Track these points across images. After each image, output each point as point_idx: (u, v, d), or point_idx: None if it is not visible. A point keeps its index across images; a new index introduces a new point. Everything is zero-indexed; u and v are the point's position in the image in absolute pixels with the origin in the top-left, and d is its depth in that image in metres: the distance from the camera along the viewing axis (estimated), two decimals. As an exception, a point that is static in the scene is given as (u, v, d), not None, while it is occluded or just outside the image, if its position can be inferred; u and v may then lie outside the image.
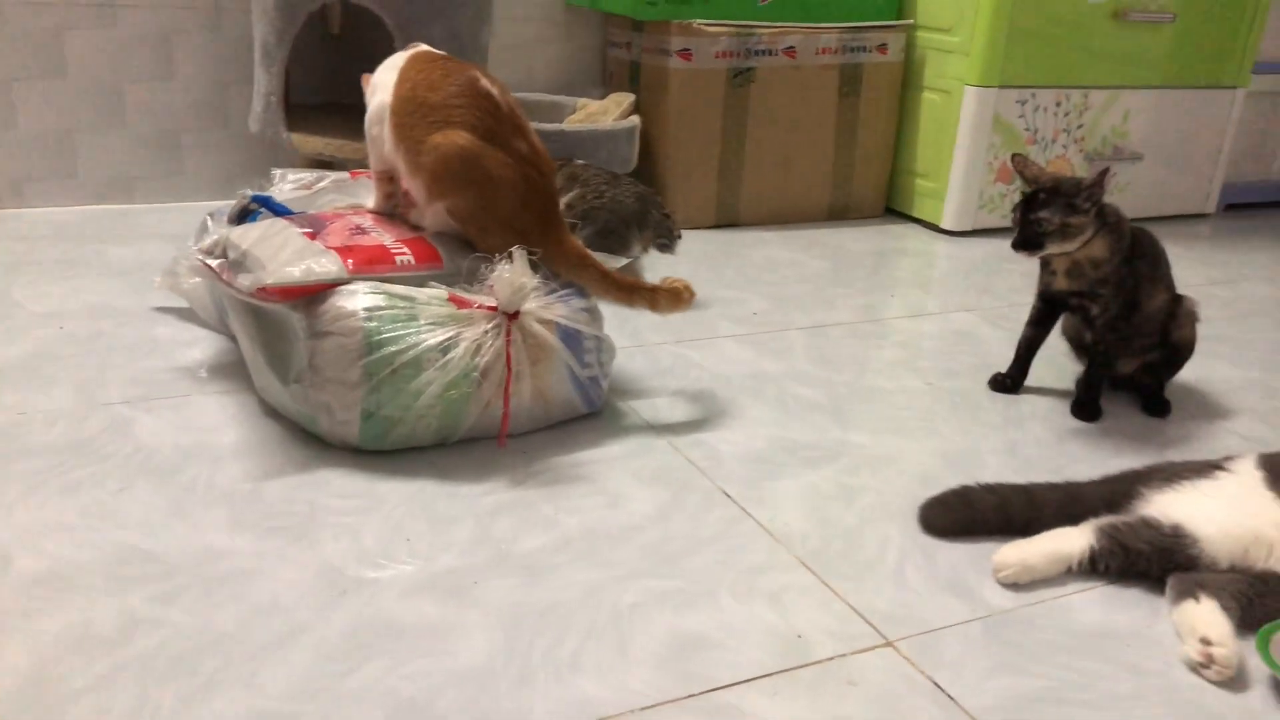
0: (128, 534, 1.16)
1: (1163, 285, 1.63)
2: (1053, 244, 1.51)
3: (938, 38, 2.66)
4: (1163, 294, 1.63)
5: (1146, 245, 1.61)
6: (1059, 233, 1.50)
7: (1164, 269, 1.63)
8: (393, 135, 1.48)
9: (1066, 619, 1.12)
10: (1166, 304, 1.64)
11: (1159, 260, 1.63)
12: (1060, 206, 1.49)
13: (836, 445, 1.49)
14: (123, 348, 1.64)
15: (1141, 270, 1.59)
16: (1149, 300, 1.61)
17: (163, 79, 2.40)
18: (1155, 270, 1.61)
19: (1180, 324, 1.66)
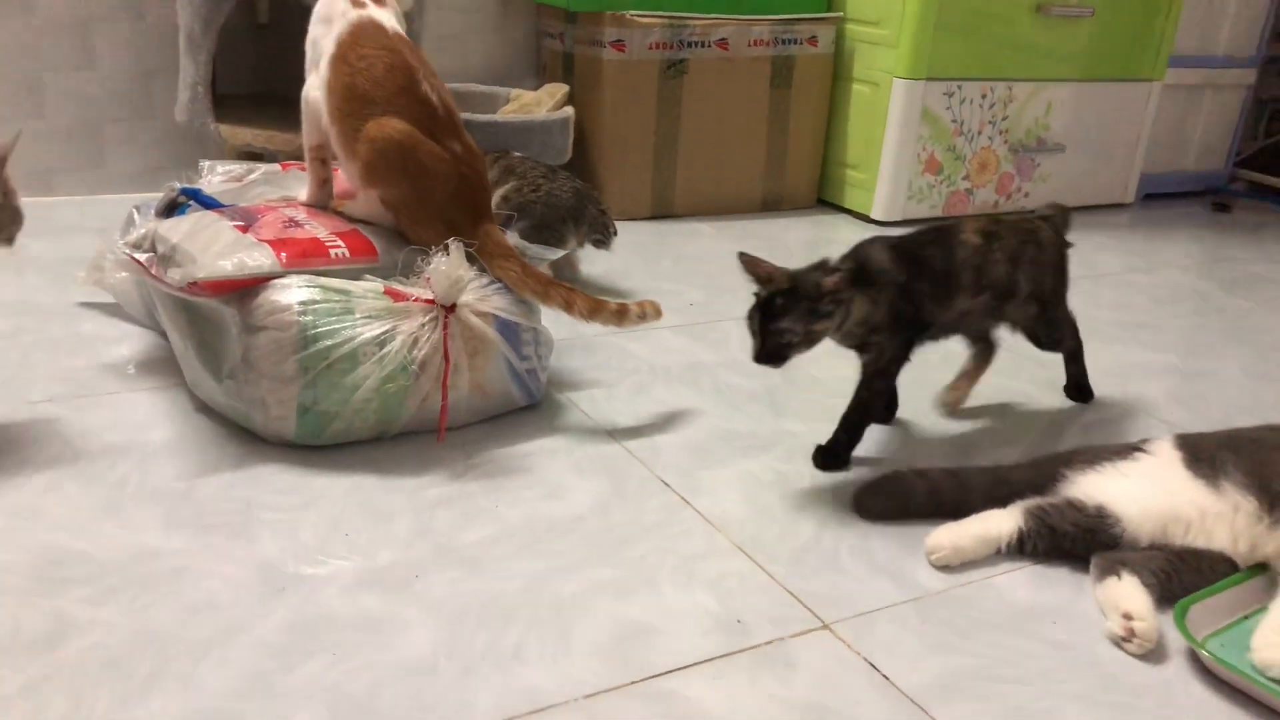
0: (57, 535, 1.13)
1: (966, 290, 1.42)
2: (799, 353, 1.30)
3: (866, 30, 2.70)
4: (968, 298, 1.42)
5: (934, 261, 1.40)
6: (805, 342, 1.30)
7: (964, 275, 1.41)
8: (328, 114, 1.47)
9: (996, 599, 1.16)
10: (989, 300, 1.45)
11: (952, 272, 1.40)
12: (801, 313, 1.28)
13: (772, 434, 1.51)
14: (46, 345, 1.60)
15: (922, 291, 1.38)
16: (946, 311, 1.42)
17: (83, 68, 2.33)
18: (945, 284, 1.40)
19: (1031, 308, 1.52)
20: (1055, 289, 1.57)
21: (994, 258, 1.44)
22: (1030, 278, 1.49)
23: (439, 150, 1.43)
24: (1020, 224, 1.52)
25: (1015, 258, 1.46)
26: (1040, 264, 1.51)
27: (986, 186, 2.87)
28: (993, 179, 2.87)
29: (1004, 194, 2.92)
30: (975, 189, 2.85)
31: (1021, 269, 1.47)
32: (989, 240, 1.44)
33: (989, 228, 1.46)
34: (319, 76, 1.49)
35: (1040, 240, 1.52)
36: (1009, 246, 1.46)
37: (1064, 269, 1.58)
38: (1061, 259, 1.57)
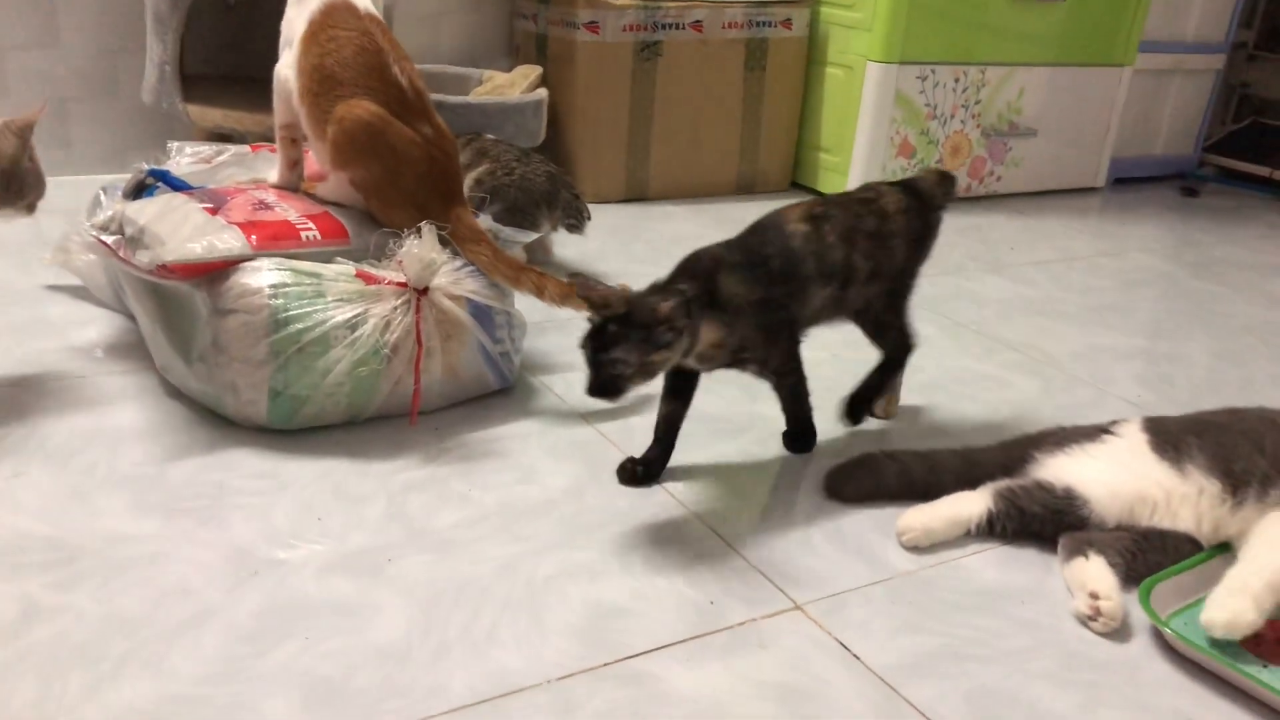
0: (24, 520, 1.12)
1: (816, 281, 1.31)
2: (637, 385, 1.18)
3: (841, 13, 2.70)
4: (821, 288, 1.31)
5: (775, 263, 1.27)
6: (641, 373, 1.16)
7: (808, 265, 1.29)
8: (298, 94, 1.45)
9: (965, 579, 1.17)
10: (837, 288, 1.33)
11: (796, 267, 1.29)
12: (636, 342, 1.14)
13: (745, 417, 1.52)
14: (12, 328, 1.58)
15: (777, 297, 1.27)
16: (808, 306, 1.32)
17: (46, 45, 2.30)
18: (795, 282, 1.29)
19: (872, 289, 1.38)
20: (907, 263, 1.41)
21: (827, 241, 1.30)
22: (869, 253, 1.33)
23: (409, 133, 1.42)
24: (854, 197, 1.38)
25: (849, 235, 1.32)
26: (883, 235, 1.35)
27: (959, 170, 2.88)
28: (965, 162, 2.89)
29: (976, 178, 2.93)
30: (948, 173, 2.86)
31: (857, 247, 1.32)
32: (816, 224, 1.30)
33: (814, 210, 1.32)
34: (291, 55, 1.47)
35: (883, 209, 1.36)
36: (838, 224, 1.31)
37: (921, 240, 1.42)
38: (918, 227, 1.40)
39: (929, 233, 1.43)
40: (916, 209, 1.39)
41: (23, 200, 1.38)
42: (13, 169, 1.34)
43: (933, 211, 1.43)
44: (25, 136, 1.35)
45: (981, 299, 2.13)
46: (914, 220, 1.39)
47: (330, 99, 1.42)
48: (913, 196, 1.40)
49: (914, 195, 1.40)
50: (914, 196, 1.40)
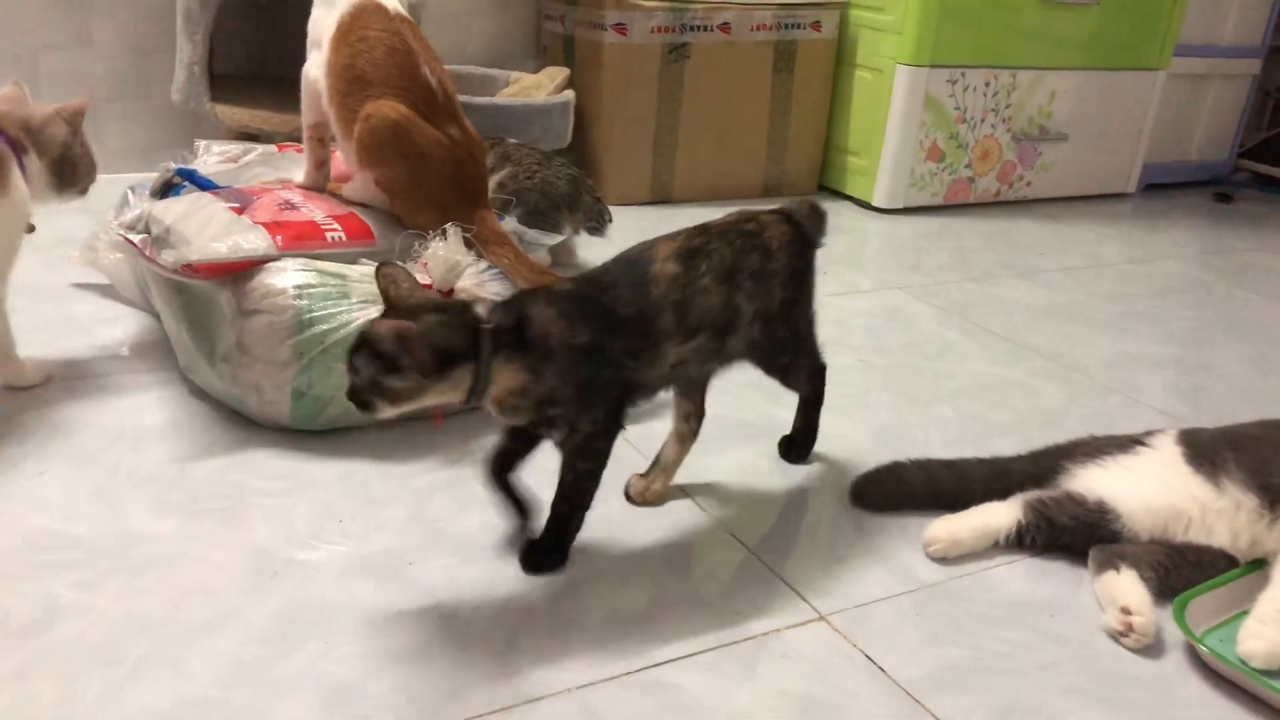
0: (47, 519, 1.12)
1: (672, 337, 1.11)
2: (382, 406, 1.01)
3: (871, 16, 2.68)
4: (677, 345, 1.12)
5: (622, 307, 1.09)
6: (376, 393, 1.00)
7: (664, 319, 1.10)
8: (327, 95, 1.45)
9: (993, 591, 1.15)
10: (707, 341, 1.14)
11: (648, 317, 1.09)
12: (370, 355, 0.99)
13: (770, 422, 1.50)
14: (40, 326, 1.59)
15: (612, 350, 1.08)
16: (654, 368, 1.12)
17: (79, 45, 2.31)
18: (643, 335, 1.10)
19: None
20: (789, 303, 1.22)
21: (700, 285, 1.12)
22: (753, 294, 1.17)
23: (436, 134, 1.42)
24: (737, 227, 1.19)
25: (730, 275, 1.14)
26: (766, 275, 1.18)
27: (988, 175, 2.85)
28: (995, 167, 2.86)
29: (1006, 182, 2.90)
30: (977, 177, 2.84)
31: (741, 288, 1.15)
32: (690, 263, 1.12)
33: (691, 244, 1.14)
34: (320, 56, 1.47)
35: (766, 244, 1.18)
36: (720, 262, 1.14)
37: (803, 278, 1.25)
38: (799, 266, 1.23)
39: (809, 272, 1.26)
40: (799, 243, 1.23)
41: (76, 185, 1.41)
42: (64, 154, 1.37)
43: (813, 248, 1.27)
44: (75, 123, 1.39)
45: (1010, 305, 2.11)
46: (795, 258, 1.22)
47: (359, 99, 1.41)
48: (795, 229, 1.23)
49: (796, 229, 1.23)
50: (796, 230, 1.23)
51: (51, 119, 1.36)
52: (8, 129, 1.31)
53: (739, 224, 1.20)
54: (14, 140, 1.31)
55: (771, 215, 1.23)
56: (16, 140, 1.31)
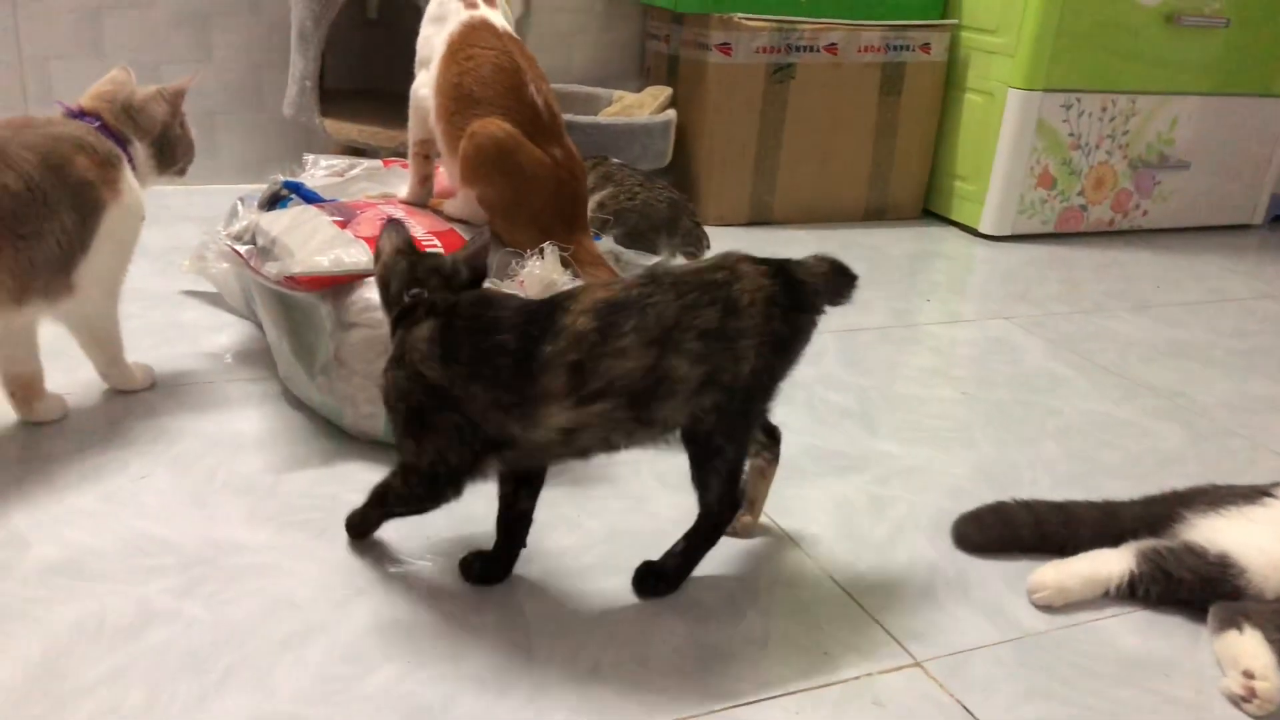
0: (147, 523, 1.15)
1: (558, 398, 0.98)
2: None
3: (983, 38, 2.61)
4: (565, 409, 0.98)
5: (502, 364, 0.99)
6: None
7: (552, 376, 0.98)
8: (435, 112, 1.47)
9: (1102, 644, 1.09)
10: (617, 409, 0.99)
11: (521, 387, 0.98)
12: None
13: (867, 454, 1.46)
14: (149, 331, 1.63)
15: (472, 398, 1.00)
16: (527, 429, 1.00)
17: (200, 60, 2.39)
18: (506, 395, 0.99)
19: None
20: (757, 376, 1.02)
21: (615, 347, 0.97)
22: (701, 357, 0.99)
23: (539, 154, 1.42)
24: (700, 275, 1.01)
25: (667, 334, 0.98)
26: (728, 335, 0.99)
27: (1102, 203, 2.75)
28: (1109, 196, 2.75)
29: (1120, 211, 2.79)
30: (1090, 205, 2.73)
31: (681, 350, 0.98)
32: (610, 319, 0.98)
33: (626, 295, 0.99)
34: (429, 74, 1.49)
35: (732, 299, 0.99)
36: (654, 320, 0.98)
37: (786, 348, 1.04)
38: (781, 331, 1.02)
39: (797, 339, 1.05)
40: (786, 305, 1.02)
41: (174, 166, 1.43)
42: (164, 134, 1.39)
43: (809, 314, 1.06)
44: (176, 104, 1.40)
45: (1123, 339, 2.02)
46: (777, 320, 1.01)
47: (466, 117, 1.42)
48: (786, 287, 1.03)
49: (788, 286, 1.03)
50: (788, 288, 1.03)
51: (153, 98, 1.38)
52: (110, 120, 1.33)
53: (704, 271, 1.02)
54: (118, 133, 1.33)
55: (754, 265, 1.03)
56: (120, 133, 1.33)
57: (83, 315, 1.33)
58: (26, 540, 1.10)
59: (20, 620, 0.98)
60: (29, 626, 0.97)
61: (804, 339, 1.06)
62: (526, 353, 0.98)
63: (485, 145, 1.40)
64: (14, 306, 1.20)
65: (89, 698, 0.89)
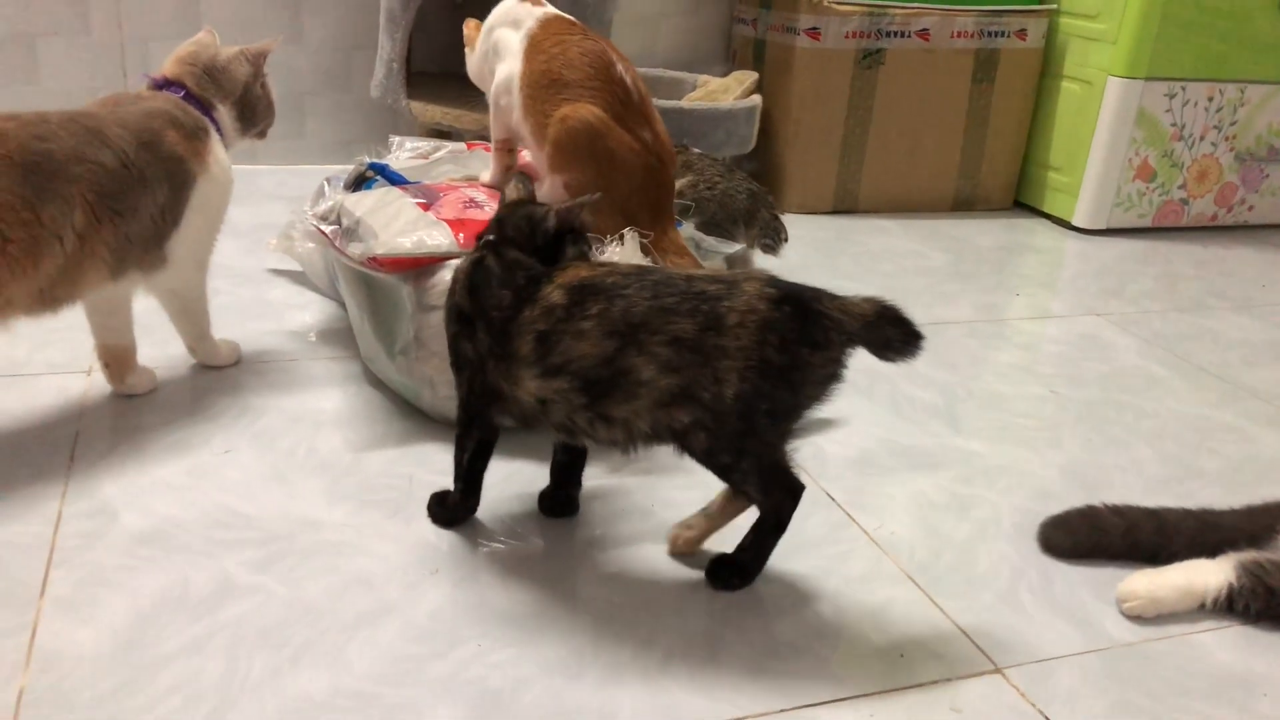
0: (230, 497, 1.17)
1: (528, 364, 1.01)
2: None
3: (1082, 24, 2.52)
4: (533, 377, 1.01)
5: (489, 317, 1.03)
6: None
7: (523, 340, 1.01)
8: (522, 107, 1.46)
9: (1196, 659, 1.04)
10: (574, 390, 0.99)
11: (509, 331, 1.02)
12: None
13: (950, 451, 1.42)
14: (237, 308, 1.66)
15: (479, 337, 1.05)
16: (515, 385, 1.03)
17: (292, 41, 2.43)
18: (502, 343, 1.02)
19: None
20: (752, 400, 0.95)
21: (577, 327, 0.97)
22: (672, 366, 0.95)
23: (629, 139, 1.40)
24: (692, 283, 0.97)
25: (633, 331, 0.95)
26: (708, 352, 0.94)
27: (1204, 197, 2.64)
28: (1213, 189, 2.64)
29: (1224, 205, 2.68)
30: (1191, 199, 2.63)
31: (647, 351, 0.95)
32: (579, 298, 0.98)
33: (602, 280, 0.99)
34: (507, 72, 1.48)
35: (717, 315, 0.94)
36: (621, 311, 0.96)
37: (786, 379, 0.95)
38: (780, 362, 0.94)
39: (799, 372, 0.96)
40: (786, 334, 0.94)
41: (254, 128, 1.44)
42: (245, 95, 1.40)
43: (818, 349, 0.96)
44: (258, 64, 1.41)
45: (1224, 340, 1.93)
46: (771, 348, 0.94)
47: (555, 103, 1.41)
48: (794, 316, 0.95)
49: (798, 316, 0.95)
50: (796, 317, 0.95)
51: (235, 59, 1.39)
52: (194, 87, 1.34)
53: (700, 280, 0.97)
54: (203, 100, 1.35)
55: (760, 286, 0.96)
56: (204, 99, 1.35)
57: (174, 288, 1.36)
58: (116, 510, 1.12)
59: (108, 588, 1.00)
60: (116, 594, 1.00)
61: (811, 374, 0.97)
62: (515, 311, 1.01)
63: (577, 129, 1.39)
64: (111, 280, 1.23)
65: (170, 667, 0.91)
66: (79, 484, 1.16)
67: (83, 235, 1.15)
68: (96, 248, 1.17)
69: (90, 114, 1.21)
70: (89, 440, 1.25)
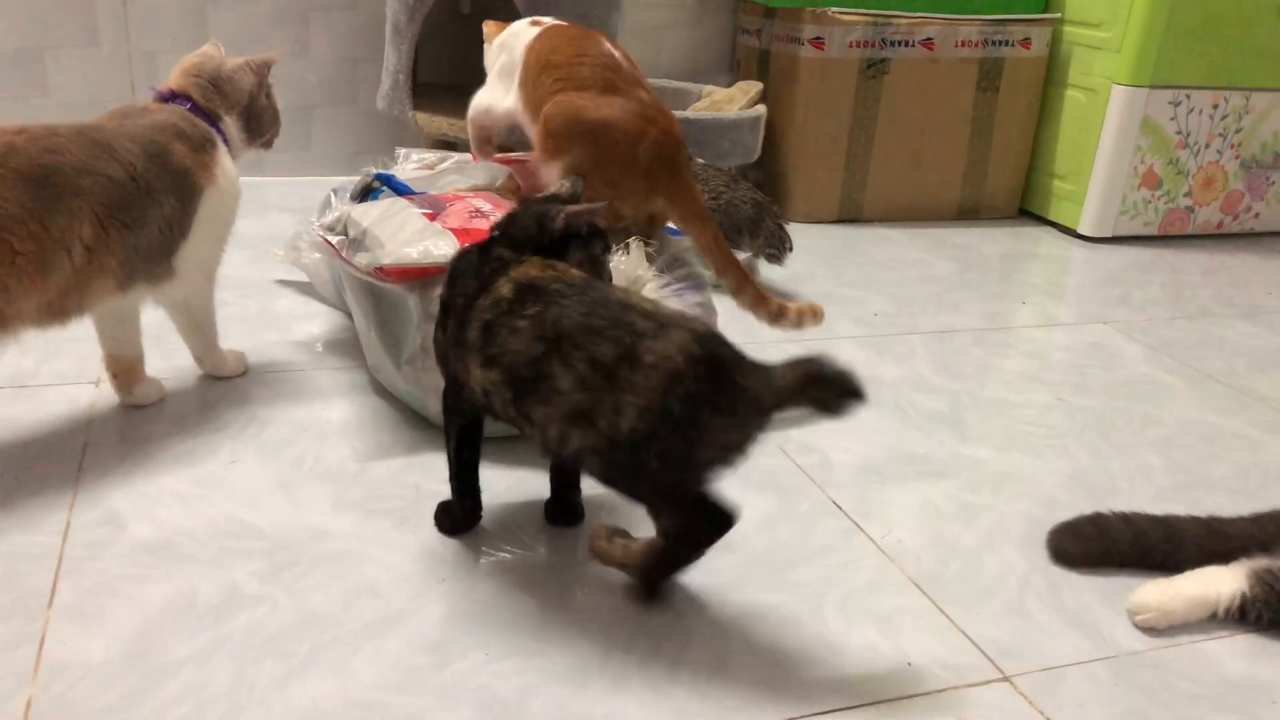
0: (237, 506, 1.17)
1: (474, 352, 1.03)
2: None
3: (1086, 33, 2.52)
4: (476, 365, 1.03)
5: (455, 304, 1.07)
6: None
7: (471, 328, 1.03)
8: (522, 101, 1.51)
9: (1206, 667, 1.04)
10: (504, 384, 1.01)
11: (465, 318, 1.04)
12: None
13: (957, 459, 1.42)
14: (243, 319, 1.67)
15: (450, 323, 1.08)
16: (464, 372, 1.05)
17: (298, 55, 2.44)
18: (458, 328, 1.06)
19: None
20: (641, 446, 0.94)
21: (514, 324, 0.98)
22: (584, 385, 0.95)
23: (619, 101, 1.43)
24: (626, 312, 0.96)
25: (558, 341, 0.96)
26: (617, 382, 0.93)
27: (1210, 205, 2.64)
28: (1218, 197, 2.64)
29: (1230, 213, 2.67)
30: (1197, 207, 2.62)
31: (569, 364, 0.95)
32: (522, 297, 0.99)
33: (548, 283, 1.00)
34: (489, 100, 1.58)
35: (633, 351, 0.93)
36: (553, 319, 0.97)
37: (676, 431, 0.93)
38: (679, 412, 0.92)
39: (699, 430, 0.93)
40: (696, 395, 0.92)
41: (260, 138, 1.44)
42: (250, 105, 1.40)
43: (720, 414, 0.93)
44: (263, 75, 1.42)
45: (1231, 347, 1.93)
46: (674, 399, 0.92)
47: (547, 87, 1.46)
48: (709, 379, 0.92)
49: (714, 380, 0.92)
50: (712, 381, 0.92)
51: (240, 69, 1.39)
52: (200, 99, 1.35)
53: (636, 310, 0.96)
54: (209, 112, 1.35)
55: (687, 336, 0.93)
56: (211, 111, 1.35)
57: (182, 299, 1.37)
58: (124, 520, 1.13)
59: (115, 597, 1.01)
60: (123, 604, 1.00)
61: (710, 437, 0.94)
62: (473, 300, 1.03)
63: (554, 115, 1.43)
64: (119, 291, 1.23)
65: (177, 676, 0.91)
66: (87, 494, 1.17)
67: (91, 248, 1.15)
68: (104, 260, 1.18)
69: (99, 127, 1.21)
70: (97, 450, 1.26)
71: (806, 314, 1.41)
